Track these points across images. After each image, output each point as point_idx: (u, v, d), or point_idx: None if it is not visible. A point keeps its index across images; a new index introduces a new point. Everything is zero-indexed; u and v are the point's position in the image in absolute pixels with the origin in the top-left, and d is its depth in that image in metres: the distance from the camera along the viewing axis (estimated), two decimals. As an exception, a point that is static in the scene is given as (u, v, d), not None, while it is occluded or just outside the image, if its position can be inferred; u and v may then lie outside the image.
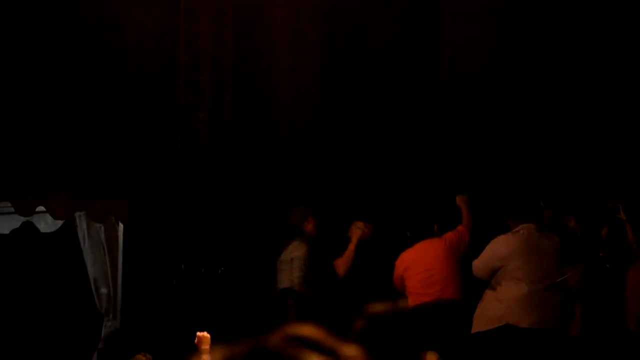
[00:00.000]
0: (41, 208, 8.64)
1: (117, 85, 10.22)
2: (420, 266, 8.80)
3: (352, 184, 10.43)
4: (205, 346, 5.81)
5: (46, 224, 9.01)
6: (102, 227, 8.90)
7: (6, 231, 9.09)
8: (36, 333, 9.64)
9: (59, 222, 8.88)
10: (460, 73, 10.63)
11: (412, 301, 8.81)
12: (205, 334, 5.92)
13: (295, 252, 9.05)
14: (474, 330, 8.43)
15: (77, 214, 8.89)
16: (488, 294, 8.45)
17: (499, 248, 8.42)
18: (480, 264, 8.48)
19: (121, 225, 9.01)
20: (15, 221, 8.99)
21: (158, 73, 10.42)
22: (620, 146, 10.01)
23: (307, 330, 1.30)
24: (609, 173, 9.83)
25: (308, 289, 8.99)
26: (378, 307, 3.22)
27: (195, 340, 5.86)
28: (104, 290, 8.89)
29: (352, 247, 9.21)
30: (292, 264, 9.04)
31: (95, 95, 10.08)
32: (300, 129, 10.78)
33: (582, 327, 8.74)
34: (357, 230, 9.19)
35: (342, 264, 9.22)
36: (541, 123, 10.29)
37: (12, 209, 8.66)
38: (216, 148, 10.42)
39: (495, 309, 8.33)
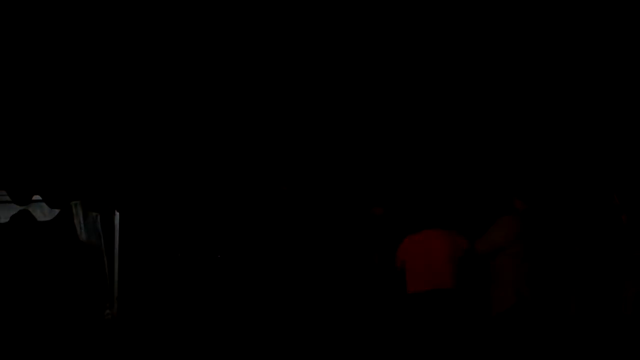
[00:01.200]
0: (37, 197, 8.66)
1: (113, 72, 10.21)
2: (422, 254, 8.89)
3: (358, 168, 10.46)
4: None
5: (42, 212, 9.06)
6: (98, 216, 8.94)
7: (3, 220, 9.12)
8: (33, 321, 9.68)
9: (55, 211, 8.93)
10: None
11: (410, 288, 8.91)
12: None
13: None
14: (493, 313, 8.62)
15: (73, 202, 8.92)
16: (492, 278, 8.63)
17: (504, 231, 8.55)
18: (486, 244, 8.62)
19: (117, 214, 9.04)
20: (12, 210, 9.03)
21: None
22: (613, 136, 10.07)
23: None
24: (603, 164, 9.89)
25: None
26: None
27: None
28: (100, 279, 8.93)
29: None
30: None
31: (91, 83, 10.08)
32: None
33: (577, 311, 8.86)
34: None
35: None
36: (539, 116, 10.34)
37: (9, 198, 8.68)
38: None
39: (503, 293, 8.49)
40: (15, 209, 8.96)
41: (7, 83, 9.02)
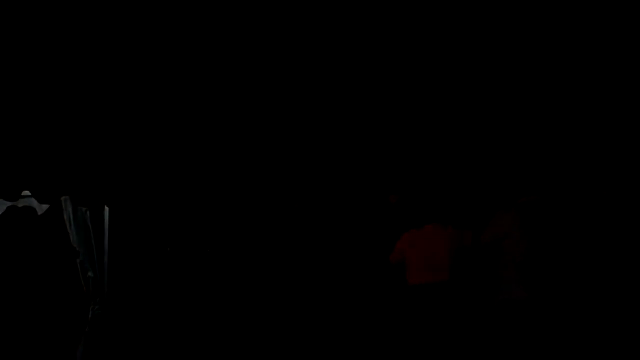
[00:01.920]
0: (26, 192, 8.65)
1: (102, 67, 10.20)
2: (422, 248, 8.97)
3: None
4: None
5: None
6: (88, 211, 8.93)
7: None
8: (23, 316, 9.68)
9: (45, 206, 8.92)
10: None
11: (410, 280, 9.00)
12: None
13: None
14: (493, 306, 8.77)
15: (62, 197, 8.92)
16: (492, 271, 8.72)
17: (502, 223, 8.64)
18: (485, 238, 8.72)
19: (107, 209, 9.04)
20: (1, 205, 9.03)
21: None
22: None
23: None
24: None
25: None
26: None
27: None
28: (90, 274, 8.91)
29: None
30: None
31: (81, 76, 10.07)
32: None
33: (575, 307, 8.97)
34: None
35: None
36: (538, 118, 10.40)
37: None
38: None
39: (503, 286, 8.59)
40: (4, 204, 8.95)
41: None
